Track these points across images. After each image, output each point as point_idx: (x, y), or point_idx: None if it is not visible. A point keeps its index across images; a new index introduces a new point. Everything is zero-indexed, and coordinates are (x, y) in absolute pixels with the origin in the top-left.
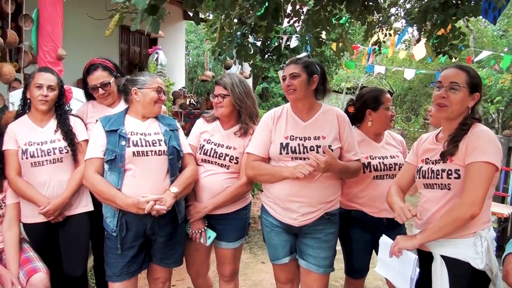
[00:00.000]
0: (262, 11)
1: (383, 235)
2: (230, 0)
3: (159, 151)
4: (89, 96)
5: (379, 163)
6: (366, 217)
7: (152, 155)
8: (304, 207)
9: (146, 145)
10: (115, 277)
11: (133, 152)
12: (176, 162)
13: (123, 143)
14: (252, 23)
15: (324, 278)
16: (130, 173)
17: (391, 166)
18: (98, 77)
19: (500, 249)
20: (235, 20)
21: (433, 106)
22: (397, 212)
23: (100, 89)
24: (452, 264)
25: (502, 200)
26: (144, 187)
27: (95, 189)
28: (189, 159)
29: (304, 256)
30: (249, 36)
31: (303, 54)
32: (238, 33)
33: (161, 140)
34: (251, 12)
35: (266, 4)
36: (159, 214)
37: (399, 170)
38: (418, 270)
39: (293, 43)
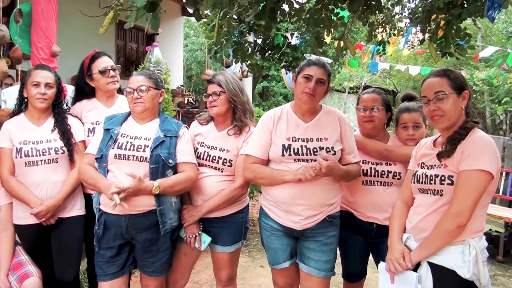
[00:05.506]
0: (259, 10)
1: (381, 262)
2: None
3: (140, 157)
4: (80, 94)
5: (370, 168)
6: (355, 220)
7: (133, 160)
8: (307, 210)
9: (130, 149)
10: (98, 276)
11: (115, 154)
12: (160, 171)
13: (110, 143)
14: (251, 22)
15: (325, 282)
16: (112, 174)
17: (383, 173)
18: (108, 61)
19: (507, 254)
20: (234, 17)
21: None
22: (389, 261)
23: (111, 71)
24: (438, 271)
25: (509, 204)
26: None
27: (82, 177)
28: (185, 167)
29: (305, 259)
30: (248, 34)
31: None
32: (236, 31)
33: (147, 146)
34: (249, 10)
35: (263, 3)
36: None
37: (393, 178)
38: (420, 286)
39: (294, 40)
